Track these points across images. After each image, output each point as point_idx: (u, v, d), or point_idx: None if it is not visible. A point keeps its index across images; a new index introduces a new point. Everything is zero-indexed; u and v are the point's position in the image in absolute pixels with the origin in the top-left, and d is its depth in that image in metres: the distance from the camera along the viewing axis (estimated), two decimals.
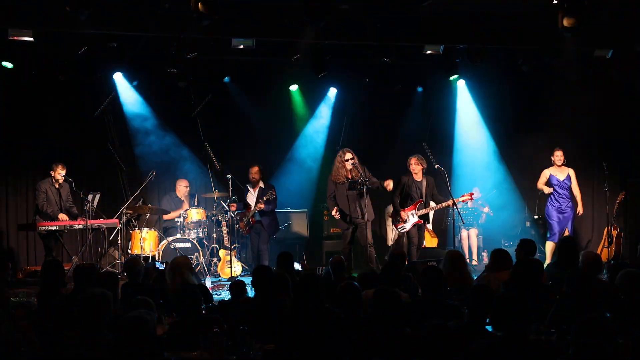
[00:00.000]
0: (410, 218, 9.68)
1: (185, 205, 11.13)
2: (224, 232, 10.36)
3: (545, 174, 10.64)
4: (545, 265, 7.24)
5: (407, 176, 9.77)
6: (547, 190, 10.60)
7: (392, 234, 11.64)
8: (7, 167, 11.11)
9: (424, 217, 9.82)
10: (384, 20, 9.48)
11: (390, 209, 11.66)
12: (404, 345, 4.15)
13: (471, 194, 10.01)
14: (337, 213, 9.49)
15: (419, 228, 9.77)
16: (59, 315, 5.38)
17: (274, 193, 10.29)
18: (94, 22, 8.40)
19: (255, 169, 10.39)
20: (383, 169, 12.23)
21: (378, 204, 11.83)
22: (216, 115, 11.95)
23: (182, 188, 11.34)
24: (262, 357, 4.66)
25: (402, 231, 9.79)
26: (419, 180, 9.71)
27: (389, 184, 9.47)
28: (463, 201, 10.03)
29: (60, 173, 9.86)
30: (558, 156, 10.53)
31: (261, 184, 10.44)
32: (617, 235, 10.98)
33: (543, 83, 12.04)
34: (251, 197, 10.44)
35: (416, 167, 9.66)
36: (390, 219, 11.55)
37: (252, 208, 10.33)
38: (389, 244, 11.56)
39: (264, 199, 10.19)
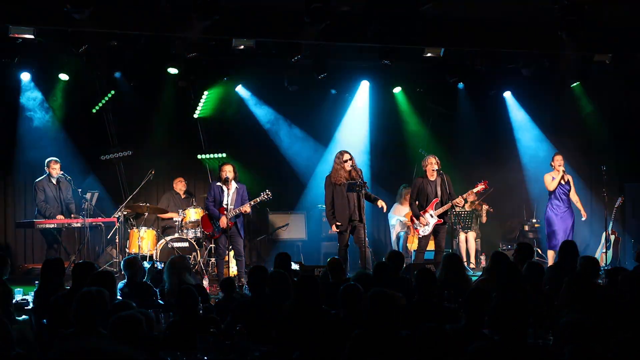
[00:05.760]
0: (430, 219, 9.59)
1: (184, 203, 11.17)
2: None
3: (548, 177, 10.62)
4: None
5: (422, 178, 9.74)
6: (555, 185, 10.50)
7: (395, 239, 11.62)
8: (5, 165, 11.10)
9: (443, 216, 9.59)
10: (385, 22, 9.49)
11: (394, 214, 11.66)
12: (400, 348, 4.14)
13: (485, 182, 9.76)
14: (337, 229, 9.41)
15: (437, 230, 9.63)
16: (56, 313, 5.37)
17: (269, 193, 9.64)
18: (94, 21, 8.39)
19: (230, 167, 9.53)
20: (382, 170, 12.31)
21: (380, 208, 11.83)
22: (216, 115, 11.97)
23: (179, 184, 11.43)
24: (259, 357, 4.66)
25: (424, 234, 9.62)
26: (433, 179, 9.67)
27: (382, 205, 9.39)
28: (478, 192, 9.82)
29: (54, 168, 9.84)
30: (558, 160, 10.52)
31: (235, 184, 9.56)
32: (615, 240, 11.00)
33: (543, 87, 12.05)
34: (226, 198, 9.42)
35: (431, 167, 9.59)
36: (395, 223, 11.55)
37: (234, 209, 9.43)
38: (391, 248, 11.48)
39: (253, 202, 9.55)
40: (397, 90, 12.35)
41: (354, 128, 12.39)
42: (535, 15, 9.51)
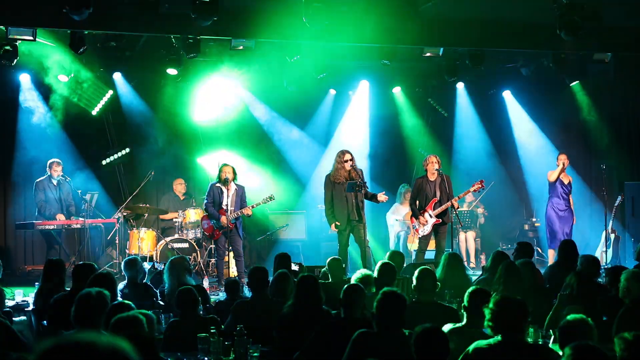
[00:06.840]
0: (429, 219, 9.57)
1: (184, 205, 11.17)
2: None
3: (550, 172, 10.61)
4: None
5: (422, 177, 9.73)
6: (555, 176, 10.47)
7: (394, 239, 11.61)
8: (6, 166, 11.10)
9: (442, 216, 9.53)
10: (384, 22, 9.49)
11: (394, 214, 11.66)
12: (404, 348, 4.14)
13: (481, 181, 9.67)
14: (336, 229, 9.39)
15: (437, 230, 9.60)
16: (57, 315, 5.37)
17: (273, 197, 9.71)
18: (94, 21, 8.39)
19: (230, 168, 9.45)
20: (382, 171, 12.31)
21: (380, 208, 11.84)
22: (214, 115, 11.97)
23: (179, 187, 11.40)
24: (259, 357, 4.66)
25: (423, 234, 9.58)
26: (433, 179, 9.64)
27: (384, 198, 9.42)
28: (474, 190, 9.77)
29: (56, 170, 9.86)
30: (562, 159, 10.51)
31: (234, 185, 9.49)
32: (615, 239, 11.00)
33: (542, 86, 12.04)
34: (225, 199, 9.38)
35: (432, 166, 9.57)
36: (395, 223, 11.54)
37: (235, 211, 9.38)
38: (391, 247, 11.47)
39: (256, 205, 9.56)
40: (396, 90, 12.37)
41: (354, 128, 12.40)
42: (535, 15, 9.51)
